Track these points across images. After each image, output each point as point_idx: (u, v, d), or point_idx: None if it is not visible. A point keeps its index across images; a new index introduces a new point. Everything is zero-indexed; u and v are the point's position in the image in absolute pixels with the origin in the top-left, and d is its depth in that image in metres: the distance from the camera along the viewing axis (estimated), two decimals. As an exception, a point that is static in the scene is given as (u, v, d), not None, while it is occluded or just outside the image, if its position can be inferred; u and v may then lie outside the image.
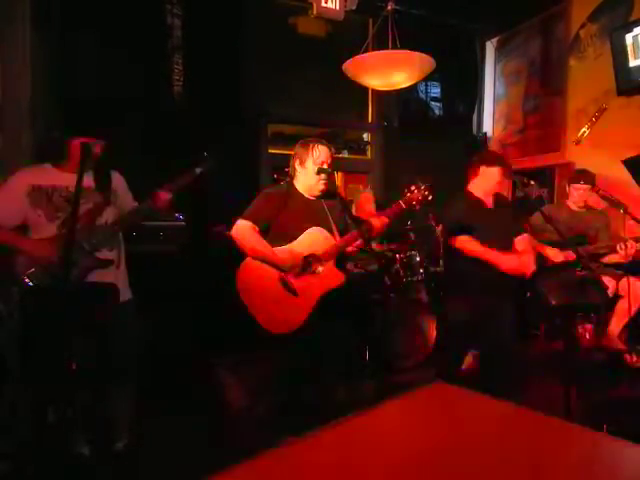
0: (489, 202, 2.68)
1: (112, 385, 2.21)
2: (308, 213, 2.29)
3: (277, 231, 2.29)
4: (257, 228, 2.27)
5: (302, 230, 2.25)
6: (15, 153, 3.15)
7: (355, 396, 2.67)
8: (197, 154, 2.26)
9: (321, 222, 2.27)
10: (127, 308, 2.21)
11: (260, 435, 2.35)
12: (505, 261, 2.50)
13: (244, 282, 2.30)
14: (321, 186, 2.29)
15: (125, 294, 2.22)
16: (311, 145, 2.30)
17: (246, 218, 2.29)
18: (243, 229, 2.28)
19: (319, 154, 2.27)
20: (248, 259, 2.30)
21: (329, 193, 2.38)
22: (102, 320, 2.06)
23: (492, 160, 2.69)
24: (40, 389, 2.07)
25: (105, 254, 2.12)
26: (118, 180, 2.28)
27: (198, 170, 2.23)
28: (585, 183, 3.38)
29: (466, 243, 2.56)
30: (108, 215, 2.16)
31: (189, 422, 2.65)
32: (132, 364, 2.22)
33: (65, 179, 2.07)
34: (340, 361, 2.51)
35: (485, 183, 2.67)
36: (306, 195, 2.34)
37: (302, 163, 2.31)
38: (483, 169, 2.66)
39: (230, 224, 2.39)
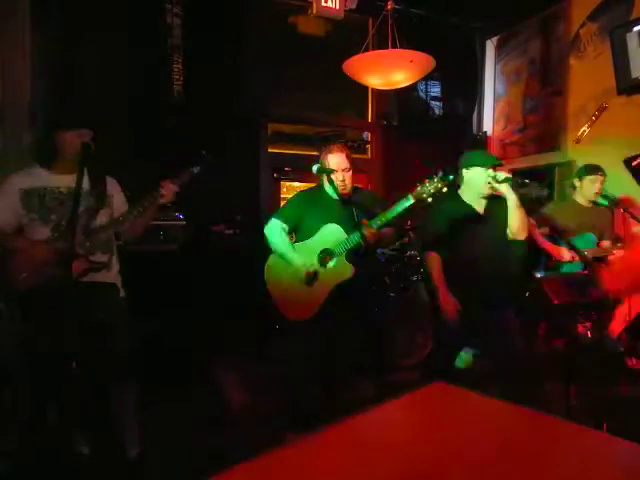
0: (480, 207, 2.57)
1: (108, 384, 2.19)
2: (333, 212, 2.45)
3: (304, 229, 2.51)
4: (286, 227, 2.52)
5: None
6: (15, 153, 3.15)
7: (355, 396, 2.67)
8: (195, 153, 2.26)
9: (343, 220, 2.39)
10: (120, 309, 2.20)
11: (261, 435, 2.35)
12: (445, 302, 2.46)
13: (270, 273, 2.55)
14: (340, 188, 2.41)
15: None
16: (325, 152, 2.50)
17: (277, 217, 2.54)
18: (272, 227, 2.52)
19: (331, 161, 2.45)
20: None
21: (355, 192, 2.55)
22: (101, 319, 2.05)
23: (471, 161, 2.56)
24: (40, 388, 2.07)
25: (98, 257, 2.09)
26: (114, 186, 2.25)
27: (195, 169, 2.22)
28: (602, 174, 3.35)
29: (430, 262, 2.55)
30: (102, 218, 2.13)
31: (189, 421, 2.65)
32: (125, 364, 2.20)
33: (56, 180, 2.06)
34: (348, 352, 2.61)
35: (471, 186, 2.55)
36: (333, 196, 2.47)
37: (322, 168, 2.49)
38: (464, 172, 2.58)
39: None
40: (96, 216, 2.11)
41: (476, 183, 2.53)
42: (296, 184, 4.94)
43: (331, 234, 2.42)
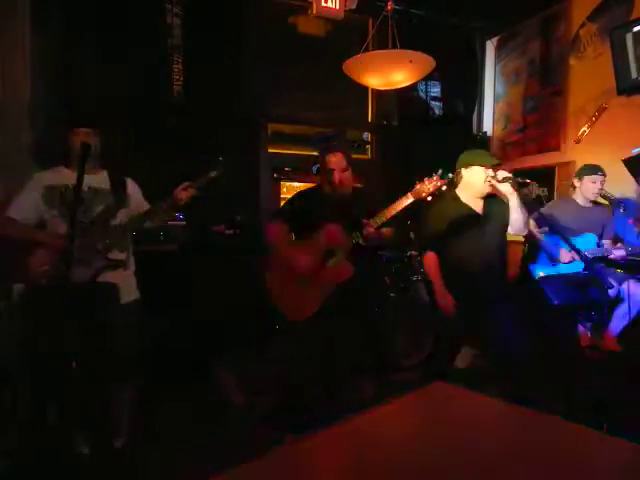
0: (477, 206, 2.55)
1: (113, 384, 2.21)
2: (334, 211, 2.44)
3: (306, 227, 2.49)
4: (287, 226, 2.53)
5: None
6: (15, 153, 3.15)
7: (355, 396, 2.67)
8: (208, 156, 2.28)
9: (344, 219, 2.39)
10: (132, 308, 2.22)
11: (261, 435, 2.36)
12: (440, 297, 2.48)
13: (269, 273, 2.56)
14: (338, 188, 2.43)
15: (131, 295, 2.24)
16: (323, 153, 2.52)
17: (276, 216, 2.57)
18: (271, 227, 2.54)
19: (329, 161, 2.47)
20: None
21: (356, 191, 2.57)
22: (104, 319, 2.06)
23: (469, 160, 2.55)
24: (40, 388, 2.07)
25: (116, 255, 2.14)
26: (132, 187, 2.31)
27: (213, 173, 2.25)
28: (602, 174, 3.37)
29: (428, 262, 2.55)
30: (122, 217, 2.18)
31: (189, 421, 2.65)
32: (134, 364, 2.22)
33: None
34: (348, 352, 2.60)
35: (469, 186, 2.54)
36: (334, 195, 2.47)
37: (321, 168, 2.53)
38: (463, 171, 2.55)
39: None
40: (116, 214, 2.16)
41: (475, 183, 2.53)
42: (296, 184, 4.94)
43: (332, 233, 2.42)
